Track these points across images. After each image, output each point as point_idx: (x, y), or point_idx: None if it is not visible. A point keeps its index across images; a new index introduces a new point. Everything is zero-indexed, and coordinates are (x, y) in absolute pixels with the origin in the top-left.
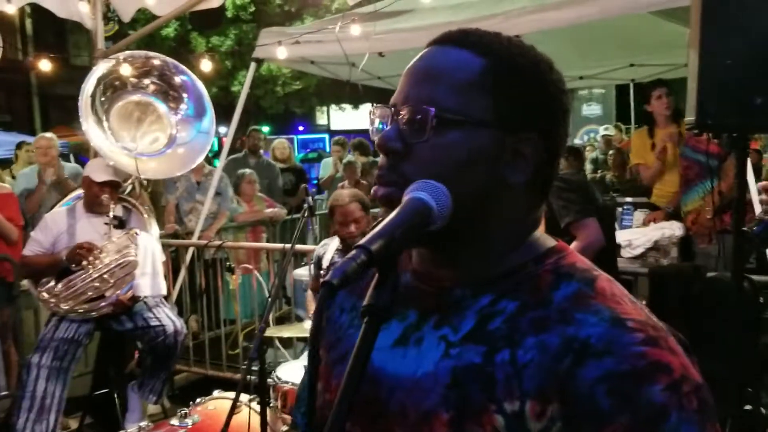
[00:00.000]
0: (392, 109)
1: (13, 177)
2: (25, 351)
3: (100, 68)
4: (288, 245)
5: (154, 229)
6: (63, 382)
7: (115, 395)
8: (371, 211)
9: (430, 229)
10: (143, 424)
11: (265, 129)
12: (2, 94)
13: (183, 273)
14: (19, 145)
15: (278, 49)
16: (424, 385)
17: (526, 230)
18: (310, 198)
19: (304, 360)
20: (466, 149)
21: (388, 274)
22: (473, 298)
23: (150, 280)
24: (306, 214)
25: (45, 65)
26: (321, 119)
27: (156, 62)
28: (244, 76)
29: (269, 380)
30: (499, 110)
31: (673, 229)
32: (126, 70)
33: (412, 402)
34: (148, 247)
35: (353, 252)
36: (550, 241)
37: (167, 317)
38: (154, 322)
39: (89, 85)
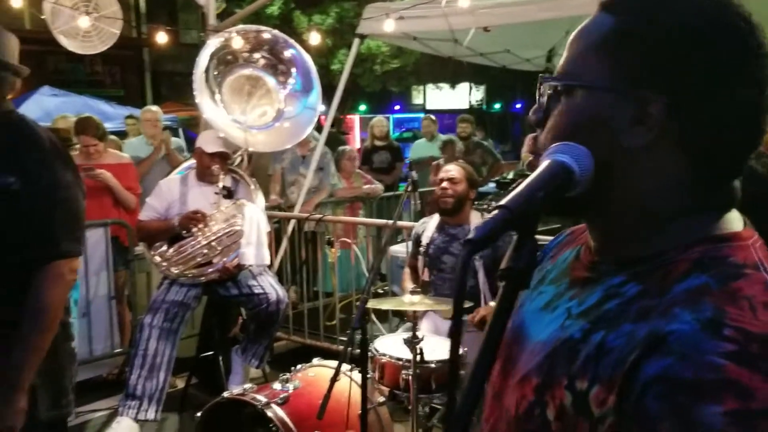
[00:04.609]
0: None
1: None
2: (138, 312)
3: (214, 43)
4: (390, 221)
5: (260, 201)
6: (172, 342)
7: (220, 358)
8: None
9: (572, 194)
10: (247, 386)
11: (362, 108)
12: (117, 69)
13: (285, 244)
14: (128, 117)
15: (385, 22)
16: (534, 350)
17: (677, 210)
18: (414, 173)
19: (401, 334)
20: (584, 114)
21: (528, 237)
22: (610, 276)
23: (255, 249)
24: (410, 188)
25: (162, 38)
26: (417, 98)
27: (266, 36)
28: (344, 55)
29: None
30: (620, 73)
31: None
32: (238, 43)
33: (523, 363)
34: (254, 217)
35: (495, 211)
36: (726, 227)
37: (270, 286)
38: (257, 290)
39: (203, 59)
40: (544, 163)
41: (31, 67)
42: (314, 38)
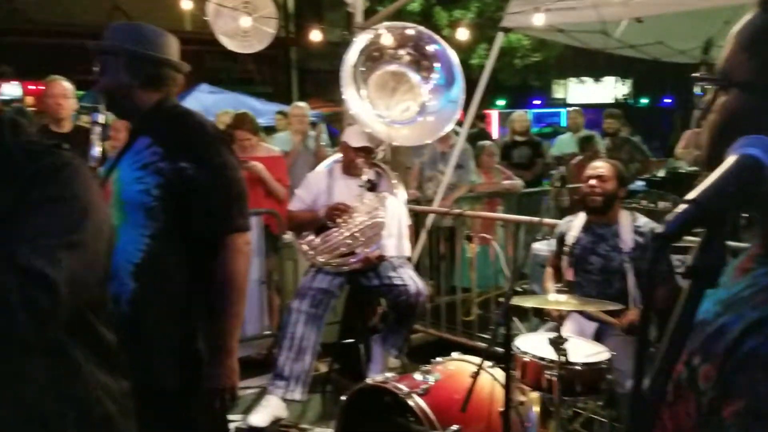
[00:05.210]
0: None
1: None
2: (286, 297)
3: (362, 39)
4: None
5: (402, 194)
6: (317, 327)
7: (360, 345)
8: None
9: (765, 189)
10: (389, 374)
11: (500, 102)
12: (266, 67)
13: (423, 238)
14: (278, 113)
15: (534, 16)
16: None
17: None
18: (563, 168)
19: (543, 334)
20: (736, 113)
21: (717, 234)
22: (760, 268)
23: (396, 241)
24: (558, 184)
25: (316, 36)
26: (558, 92)
27: (411, 32)
28: (484, 49)
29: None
30: (762, 71)
31: None
32: (387, 39)
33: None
34: (395, 210)
35: (684, 206)
36: None
37: (410, 278)
38: (397, 281)
39: (351, 55)
40: (732, 157)
41: (191, 65)
42: (462, 34)
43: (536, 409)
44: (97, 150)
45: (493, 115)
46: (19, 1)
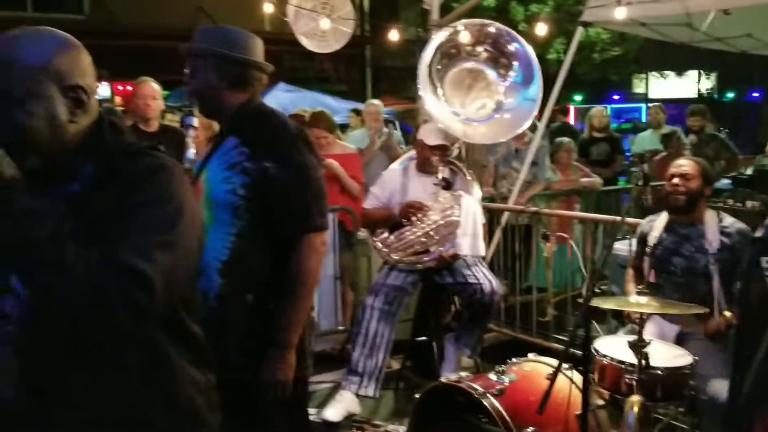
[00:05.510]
0: None
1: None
2: (359, 293)
3: (439, 37)
4: (612, 217)
5: (477, 192)
6: (391, 324)
7: (433, 344)
8: None
9: None
10: (463, 374)
11: (577, 98)
12: (342, 66)
13: (498, 236)
14: (353, 111)
15: (617, 9)
16: None
17: None
18: (645, 165)
19: (622, 336)
20: None
21: None
22: None
23: (470, 240)
24: (640, 183)
25: (394, 35)
26: (638, 87)
27: (491, 30)
28: (561, 44)
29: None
30: None
31: None
32: (465, 37)
33: None
34: (470, 209)
35: None
36: None
37: (485, 277)
38: (472, 280)
39: (428, 53)
40: None
41: (271, 65)
42: (540, 29)
43: (635, 411)
44: (191, 152)
45: (570, 110)
46: (109, 6)
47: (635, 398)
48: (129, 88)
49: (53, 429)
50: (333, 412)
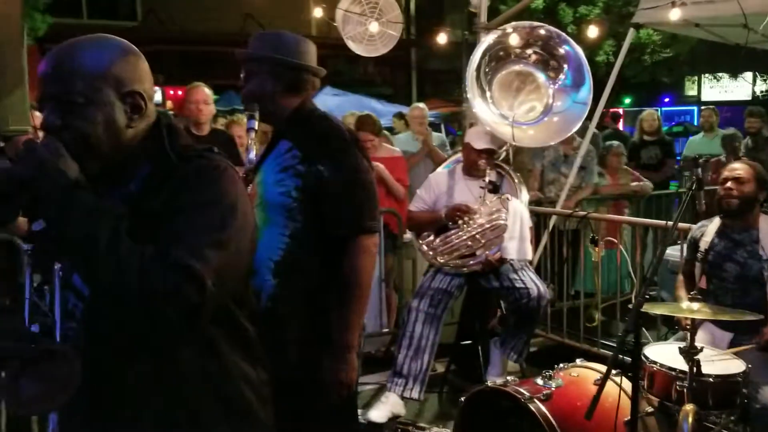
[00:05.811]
0: None
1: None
2: (404, 295)
3: (488, 39)
4: (664, 222)
5: (524, 196)
6: (436, 327)
7: (479, 347)
8: None
9: None
10: (509, 378)
11: (627, 100)
12: (387, 69)
13: (545, 240)
14: (397, 115)
15: (671, 11)
16: None
17: None
18: (699, 170)
19: (673, 343)
20: None
21: None
22: None
23: (517, 244)
24: (694, 187)
25: (442, 39)
26: (690, 90)
27: (541, 32)
28: (610, 46)
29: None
30: None
31: None
32: (513, 40)
33: None
34: (517, 212)
35: None
36: None
37: (532, 281)
38: (519, 284)
39: (476, 56)
40: None
41: (324, 69)
42: (591, 31)
43: (690, 420)
44: (253, 153)
45: (619, 113)
46: (161, 14)
47: (689, 407)
48: (180, 93)
49: (112, 426)
50: (378, 414)
